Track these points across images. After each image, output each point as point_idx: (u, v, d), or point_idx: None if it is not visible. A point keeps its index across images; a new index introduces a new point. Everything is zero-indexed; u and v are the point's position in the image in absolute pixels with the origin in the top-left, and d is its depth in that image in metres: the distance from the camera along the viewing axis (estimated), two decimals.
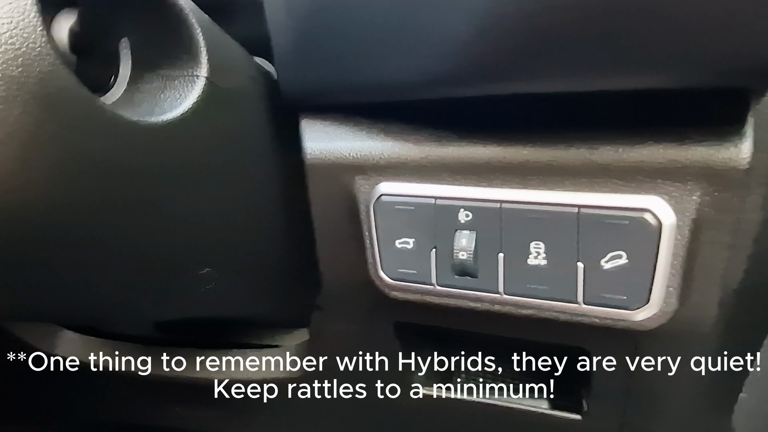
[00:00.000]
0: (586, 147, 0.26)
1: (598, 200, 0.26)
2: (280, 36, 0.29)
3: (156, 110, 0.26)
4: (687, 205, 0.25)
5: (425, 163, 0.29)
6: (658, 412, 0.36)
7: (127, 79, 0.26)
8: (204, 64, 0.26)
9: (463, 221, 0.29)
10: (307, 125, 0.32)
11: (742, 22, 0.20)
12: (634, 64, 0.23)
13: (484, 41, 0.23)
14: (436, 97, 0.27)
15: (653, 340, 0.30)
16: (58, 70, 0.20)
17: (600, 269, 0.27)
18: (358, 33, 0.26)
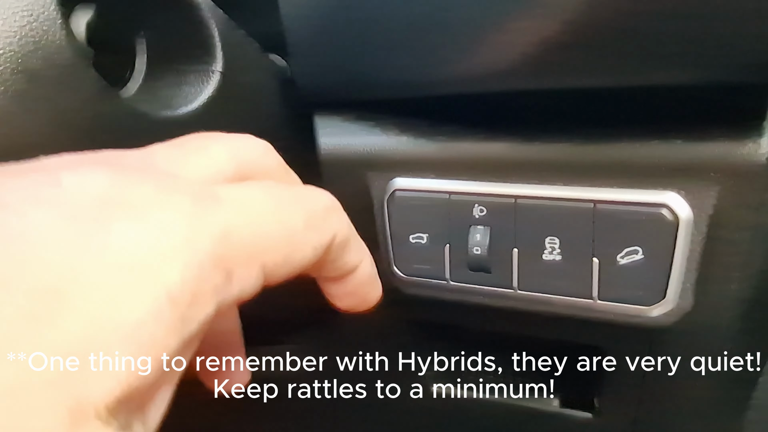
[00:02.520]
0: (603, 142, 0.26)
1: (615, 196, 0.26)
2: (295, 32, 0.29)
3: (171, 104, 0.26)
4: (704, 201, 0.25)
5: (440, 159, 0.29)
6: (672, 410, 0.36)
7: (143, 73, 0.26)
8: (219, 59, 0.27)
9: (477, 216, 0.29)
10: (321, 120, 0.32)
11: (760, 17, 0.20)
12: (651, 61, 0.23)
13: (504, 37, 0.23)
14: (454, 93, 0.27)
15: (668, 336, 0.30)
16: (78, 64, 0.20)
17: (615, 265, 0.27)
18: (375, 29, 0.26)
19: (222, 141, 0.22)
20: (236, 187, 0.19)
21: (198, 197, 0.16)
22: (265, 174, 0.22)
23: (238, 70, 0.28)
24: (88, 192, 0.15)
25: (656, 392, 0.35)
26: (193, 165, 0.19)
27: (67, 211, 0.14)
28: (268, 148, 0.23)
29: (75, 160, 0.17)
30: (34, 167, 0.16)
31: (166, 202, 0.16)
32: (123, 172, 0.16)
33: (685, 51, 0.22)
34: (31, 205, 0.14)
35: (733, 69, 0.22)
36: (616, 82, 0.24)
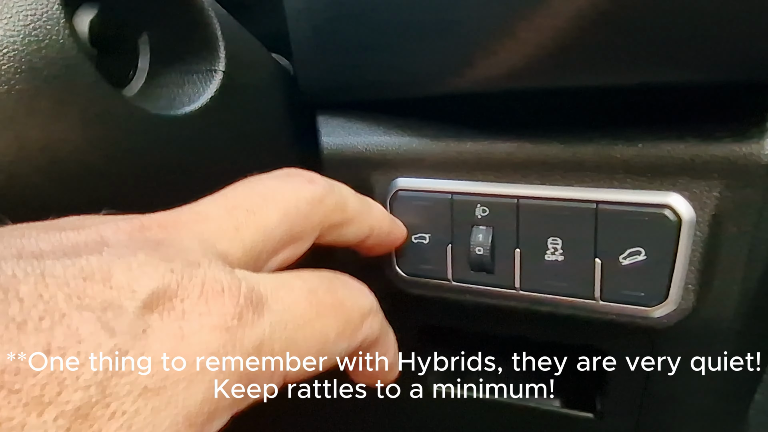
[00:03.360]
0: (605, 143, 0.26)
1: (617, 196, 0.26)
2: (298, 32, 0.29)
3: (174, 104, 0.26)
4: (707, 201, 0.25)
5: (442, 159, 0.29)
6: (674, 411, 0.36)
7: (146, 72, 0.26)
8: (222, 58, 0.27)
9: (479, 217, 0.29)
10: (324, 120, 0.32)
11: (763, 16, 0.20)
12: (654, 60, 0.23)
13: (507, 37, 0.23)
14: (457, 93, 0.27)
15: (670, 337, 0.30)
16: (81, 64, 0.20)
17: (618, 265, 0.27)
18: (378, 29, 0.26)
19: (275, 200, 0.21)
20: (282, 288, 0.18)
21: (241, 306, 0.16)
22: (314, 229, 0.22)
23: (242, 70, 0.28)
24: (135, 295, 0.14)
25: (658, 393, 0.35)
26: (243, 239, 0.19)
27: (111, 318, 0.14)
28: (326, 194, 0.23)
29: (122, 239, 0.16)
30: (81, 240, 0.16)
31: (207, 315, 0.15)
32: (171, 272, 0.15)
33: (689, 50, 0.22)
34: (78, 308, 0.13)
35: (736, 68, 0.22)
36: (619, 82, 0.24)
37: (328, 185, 0.23)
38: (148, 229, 0.17)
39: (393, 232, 0.29)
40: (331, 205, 0.23)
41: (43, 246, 0.15)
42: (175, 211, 0.19)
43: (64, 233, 0.16)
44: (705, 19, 0.21)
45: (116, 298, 0.14)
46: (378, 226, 0.27)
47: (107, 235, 0.16)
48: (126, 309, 0.14)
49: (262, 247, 0.20)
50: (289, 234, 0.21)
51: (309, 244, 0.22)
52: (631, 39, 0.22)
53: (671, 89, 0.25)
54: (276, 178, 0.22)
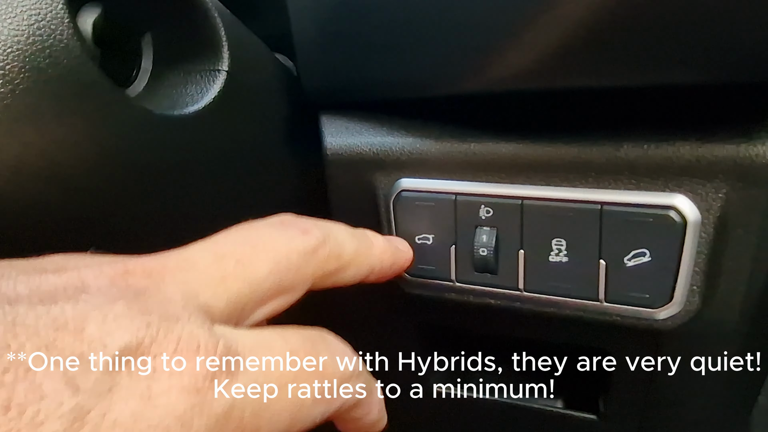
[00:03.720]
0: (610, 144, 0.26)
1: (622, 197, 0.26)
2: (301, 32, 0.29)
3: (177, 104, 0.26)
4: (712, 202, 0.25)
5: (446, 159, 0.29)
6: (677, 413, 0.36)
7: (149, 72, 0.26)
8: (225, 58, 0.26)
9: (483, 217, 0.29)
10: (328, 121, 0.32)
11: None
12: (661, 60, 0.22)
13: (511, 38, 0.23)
14: (461, 93, 0.27)
15: (675, 339, 0.30)
16: (85, 63, 0.20)
17: (623, 267, 0.26)
18: (381, 29, 0.26)
19: (265, 251, 0.20)
20: (261, 348, 0.18)
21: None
22: (306, 281, 0.22)
23: (245, 70, 0.28)
24: (106, 349, 0.14)
25: (662, 394, 0.35)
26: (228, 289, 0.18)
27: (77, 373, 0.13)
28: (319, 245, 0.22)
29: (103, 285, 0.16)
30: (60, 285, 0.16)
31: (178, 376, 0.15)
32: (147, 326, 0.15)
33: (694, 51, 0.22)
34: (49, 351, 0.13)
35: (741, 69, 0.22)
36: (625, 83, 0.24)
37: (323, 234, 0.22)
38: (132, 275, 0.17)
39: (396, 263, 0.28)
40: (325, 256, 0.22)
41: (20, 289, 0.15)
42: (162, 256, 0.19)
43: (44, 276, 0.16)
44: (711, 19, 0.21)
45: (86, 351, 0.14)
46: (379, 264, 0.26)
47: (88, 280, 0.16)
48: (95, 364, 0.14)
49: (248, 299, 0.19)
50: (278, 286, 0.20)
51: (300, 295, 0.22)
52: (638, 40, 0.22)
53: (676, 90, 0.25)
54: (269, 227, 0.22)
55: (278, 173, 0.33)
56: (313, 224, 0.23)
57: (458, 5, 0.24)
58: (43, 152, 0.20)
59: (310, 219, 0.24)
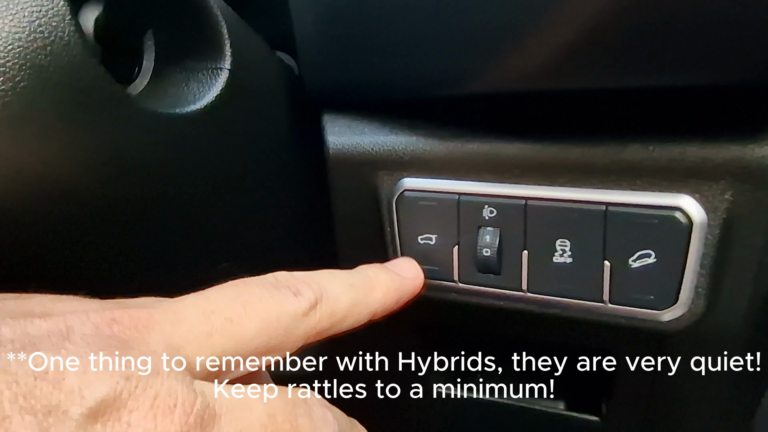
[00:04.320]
0: (616, 145, 0.26)
1: (627, 198, 0.26)
2: (304, 31, 0.28)
3: (179, 102, 0.25)
4: (718, 204, 0.25)
5: (449, 159, 0.29)
6: (680, 415, 0.36)
7: (150, 70, 0.26)
8: (228, 57, 0.26)
9: (487, 218, 0.29)
10: (330, 120, 0.31)
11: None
12: (667, 62, 0.22)
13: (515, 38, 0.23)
14: (465, 94, 0.26)
15: (679, 341, 0.30)
16: (86, 61, 0.20)
17: (627, 268, 0.26)
18: (385, 28, 0.26)
19: (256, 311, 0.20)
20: (239, 408, 0.18)
21: (189, 426, 0.15)
22: (296, 342, 0.22)
23: (247, 69, 0.28)
24: (83, 401, 0.14)
25: (665, 396, 0.34)
26: (213, 345, 0.19)
27: (52, 424, 0.13)
28: (310, 307, 0.22)
29: (88, 333, 0.16)
30: (45, 330, 0.16)
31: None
32: (126, 379, 0.15)
33: (701, 52, 0.22)
34: (21, 410, 0.13)
35: (748, 71, 0.22)
36: (631, 84, 0.23)
37: (314, 295, 0.22)
38: (119, 324, 0.17)
39: (403, 297, 0.28)
40: (316, 318, 0.22)
41: (5, 333, 0.15)
42: (152, 305, 0.19)
43: (30, 321, 0.16)
44: (718, 21, 0.20)
45: (63, 402, 0.14)
46: (381, 308, 0.26)
47: (74, 327, 0.16)
48: (70, 416, 0.14)
49: (232, 356, 0.19)
50: (265, 346, 0.20)
51: (290, 352, 0.22)
52: (645, 41, 0.22)
53: (682, 91, 0.25)
54: (262, 286, 0.22)
55: (280, 172, 0.33)
56: (305, 283, 0.23)
57: (463, 5, 0.23)
58: (43, 150, 0.19)
59: (303, 276, 0.23)
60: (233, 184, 0.29)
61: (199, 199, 0.28)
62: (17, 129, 0.18)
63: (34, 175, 0.20)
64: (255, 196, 0.31)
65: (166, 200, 0.26)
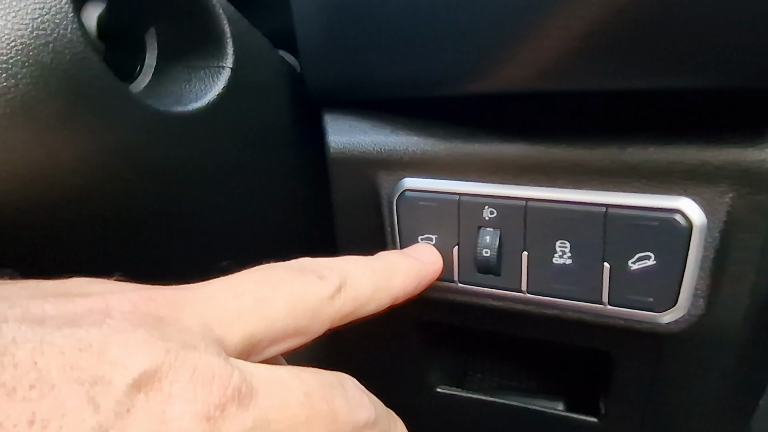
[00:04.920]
0: (616, 146, 0.26)
1: (627, 200, 0.26)
2: (305, 29, 0.29)
3: (181, 100, 0.25)
4: (718, 207, 0.25)
5: (450, 160, 0.29)
6: (678, 417, 0.36)
7: (153, 68, 0.26)
8: (230, 55, 0.26)
9: (487, 218, 0.29)
10: (331, 119, 0.31)
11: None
12: (668, 64, 0.22)
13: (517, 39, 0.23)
14: (466, 94, 0.26)
15: (678, 343, 0.30)
16: (89, 58, 0.20)
17: (627, 270, 0.26)
18: (387, 27, 0.26)
19: (284, 292, 0.21)
20: (276, 385, 0.18)
21: (227, 397, 0.16)
22: (322, 325, 0.22)
23: (249, 67, 0.28)
24: (127, 372, 0.15)
25: (663, 397, 0.34)
26: (245, 325, 0.19)
27: (99, 392, 0.14)
28: (335, 291, 0.22)
29: (126, 310, 0.17)
30: (86, 308, 0.16)
31: (192, 402, 0.15)
32: (167, 352, 0.15)
33: (702, 55, 0.22)
34: (69, 380, 0.14)
35: (749, 74, 0.22)
36: (633, 86, 0.23)
37: (339, 279, 0.23)
38: (155, 302, 0.17)
39: (422, 282, 0.28)
40: (341, 301, 0.23)
41: (48, 310, 0.15)
42: (184, 287, 0.19)
43: (71, 299, 0.16)
44: (719, 24, 0.20)
45: (108, 372, 0.14)
46: (402, 292, 0.26)
47: (113, 305, 0.17)
48: (115, 385, 0.14)
49: (262, 336, 0.20)
50: (293, 327, 0.21)
51: (315, 336, 0.22)
52: (646, 44, 0.22)
53: (683, 93, 0.25)
54: (289, 270, 0.22)
55: (281, 170, 0.33)
56: (329, 269, 0.23)
57: (465, 5, 0.23)
58: (45, 147, 0.20)
59: (327, 262, 0.24)
60: (234, 182, 0.29)
61: (199, 197, 0.28)
62: (19, 125, 0.19)
63: (36, 171, 0.20)
64: (256, 194, 0.31)
65: (168, 198, 0.26)
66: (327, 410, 0.19)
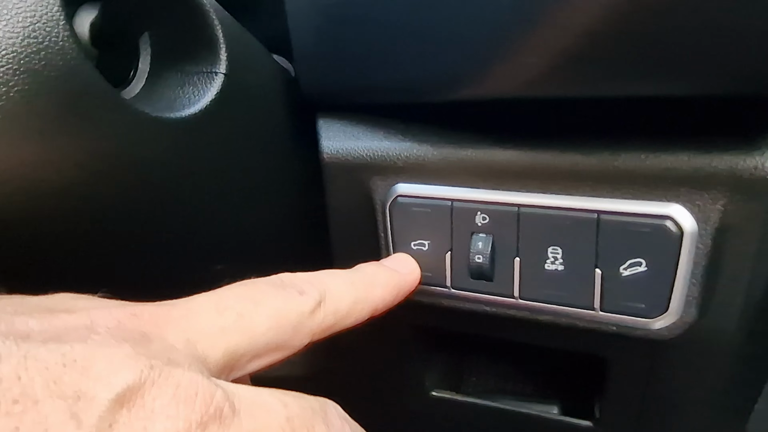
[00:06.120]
0: (608, 153, 0.26)
1: (619, 207, 0.26)
2: (300, 34, 0.29)
3: (175, 106, 0.25)
4: (710, 213, 0.25)
5: (443, 165, 0.29)
6: (672, 422, 0.36)
7: (146, 74, 0.26)
8: (223, 60, 0.26)
9: (479, 224, 0.29)
10: (325, 124, 0.32)
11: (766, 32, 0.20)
12: (661, 72, 0.22)
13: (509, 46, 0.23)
14: (459, 100, 0.26)
15: (671, 349, 0.30)
16: (81, 65, 0.20)
17: (618, 276, 0.26)
18: (381, 32, 0.26)
19: (266, 307, 0.21)
20: (259, 408, 0.18)
21: (209, 415, 0.16)
22: (303, 340, 0.22)
23: (243, 72, 0.28)
24: (110, 387, 0.15)
25: (657, 402, 0.35)
26: (227, 341, 0.19)
27: (81, 408, 0.14)
28: (315, 305, 0.23)
29: (111, 326, 0.17)
30: (71, 324, 0.16)
31: (174, 419, 0.15)
32: (151, 368, 0.16)
33: (693, 63, 0.22)
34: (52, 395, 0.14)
35: (741, 82, 0.22)
36: (624, 93, 0.23)
37: (319, 294, 0.23)
38: (139, 318, 0.18)
39: (401, 293, 0.28)
40: (321, 315, 0.23)
41: (32, 325, 0.16)
42: (168, 304, 0.19)
43: (56, 315, 0.16)
44: (711, 33, 0.21)
45: (91, 387, 0.14)
46: (382, 303, 0.27)
47: (97, 320, 0.17)
48: (99, 400, 0.14)
49: (244, 351, 0.20)
50: (275, 342, 0.21)
51: (296, 350, 0.22)
52: (639, 52, 0.22)
53: (676, 100, 0.25)
54: (270, 285, 0.23)
55: (276, 175, 0.33)
56: (309, 283, 0.23)
57: (458, 12, 0.23)
58: (37, 154, 0.20)
59: (307, 276, 0.24)
60: (228, 186, 0.29)
61: (194, 202, 0.28)
62: (11, 132, 0.19)
63: (28, 178, 0.20)
64: (250, 199, 0.31)
65: (161, 203, 0.26)
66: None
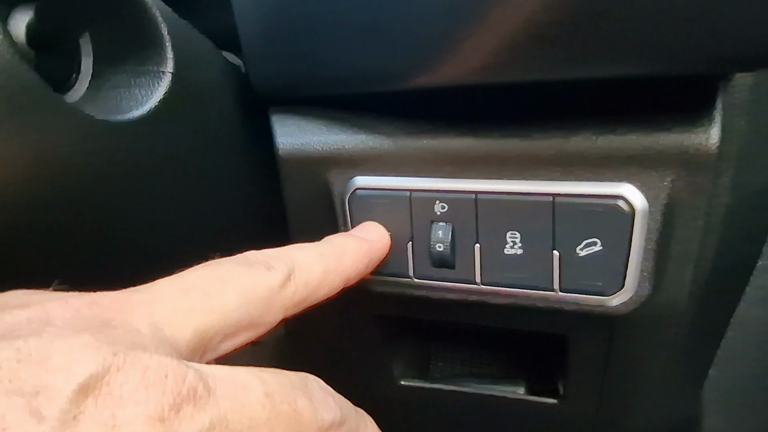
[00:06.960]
0: (561, 136, 0.26)
1: (573, 189, 0.26)
2: (247, 28, 0.28)
3: (121, 108, 0.25)
4: (659, 191, 0.26)
5: (399, 156, 0.29)
6: (633, 392, 0.37)
7: (89, 75, 0.25)
8: (170, 59, 0.26)
9: (438, 213, 0.29)
10: (279, 119, 0.31)
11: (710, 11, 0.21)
12: (607, 53, 0.23)
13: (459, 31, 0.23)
14: (410, 88, 0.26)
15: (629, 324, 0.31)
16: (16, 66, 0.19)
17: (575, 256, 0.27)
18: (329, 24, 0.26)
19: (233, 284, 0.20)
20: (235, 385, 0.17)
21: (182, 397, 0.15)
22: (276, 315, 0.22)
23: (191, 70, 0.27)
24: (72, 378, 0.14)
25: (618, 376, 0.36)
26: (195, 321, 0.18)
27: (42, 403, 0.13)
28: (285, 279, 0.22)
29: (69, 316, 0.16)
30: (24, 319, 0.15)
31: (144, 404, 0.15)
32: (114, 354, 0.15)
33: (639, 43, 0.22)
34: (7, 392, 0.13)
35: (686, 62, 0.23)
36: (575, 76, 0.24)
37: (287, 267, 0.22)
38: (98, 305, 0.17)
39: (373, 260, 0.28)
40: (292, 288, 0.22)
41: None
42: (129, 290, 0.19)
43: (7, 311, 0.16)
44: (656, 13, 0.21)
45: (51, 380, 0.14)
46: (354, 272, 0.26)
47: (54, 312, 0.16)
48: (60, 393, 0.14)
49: (215, 330, 0.19)
50: (247, 319, 0.20)
51: (270, 328, 0.22)
52: (587, 34, 0.22)
53: (624, 81, 0.25)
54: (235, 264, 0.22)
55: (231, 172, 0.33)
56: (276, 258, 0.23)
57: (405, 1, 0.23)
58: None
59: (273, 252, 0.23)
60: (182, 185, 0.29)
61: (147, 203, 0.27)
62: None
63: None
64: (205, 196, 0.31)
65: (113, 205, 0.25)
66: (289, 411, 0.18)
